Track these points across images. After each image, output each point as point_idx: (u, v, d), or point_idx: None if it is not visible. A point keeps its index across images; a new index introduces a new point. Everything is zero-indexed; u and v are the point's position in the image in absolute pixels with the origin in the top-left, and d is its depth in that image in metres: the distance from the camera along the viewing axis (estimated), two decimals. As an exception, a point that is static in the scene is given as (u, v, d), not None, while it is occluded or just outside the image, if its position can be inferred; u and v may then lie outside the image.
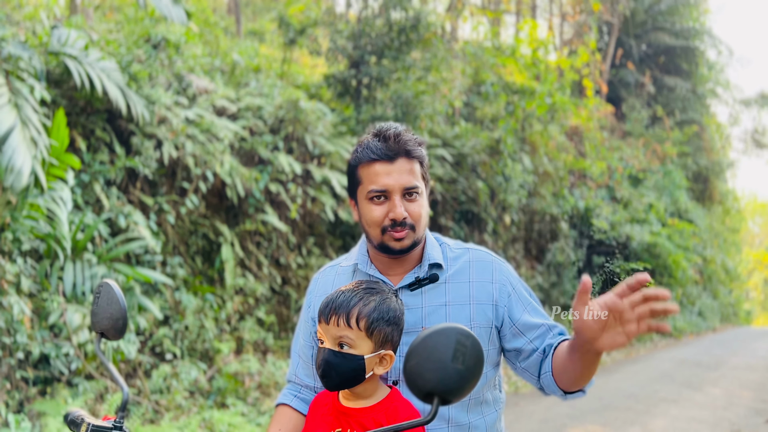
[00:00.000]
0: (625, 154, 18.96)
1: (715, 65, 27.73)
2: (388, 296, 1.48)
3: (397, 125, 1.59)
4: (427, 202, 1.61)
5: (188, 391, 5.36)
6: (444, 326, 1.19)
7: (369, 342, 1.41)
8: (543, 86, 12.15)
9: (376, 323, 1.41)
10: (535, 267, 13.18)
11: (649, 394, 7.65)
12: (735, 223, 30.84)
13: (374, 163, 1.54)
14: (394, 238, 1.53)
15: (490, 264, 1.63)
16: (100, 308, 1.53)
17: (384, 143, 1.54)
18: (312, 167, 7.45)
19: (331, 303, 1.45)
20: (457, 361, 1.18)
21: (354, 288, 1.47)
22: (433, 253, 1.61)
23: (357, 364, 1.40)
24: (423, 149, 1.60)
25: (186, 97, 6.85)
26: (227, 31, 12.03)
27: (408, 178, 1.53)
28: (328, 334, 1.43)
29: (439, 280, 1.59)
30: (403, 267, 1.61)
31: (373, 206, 1.54)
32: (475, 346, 1.19)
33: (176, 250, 6.31)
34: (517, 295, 1.60)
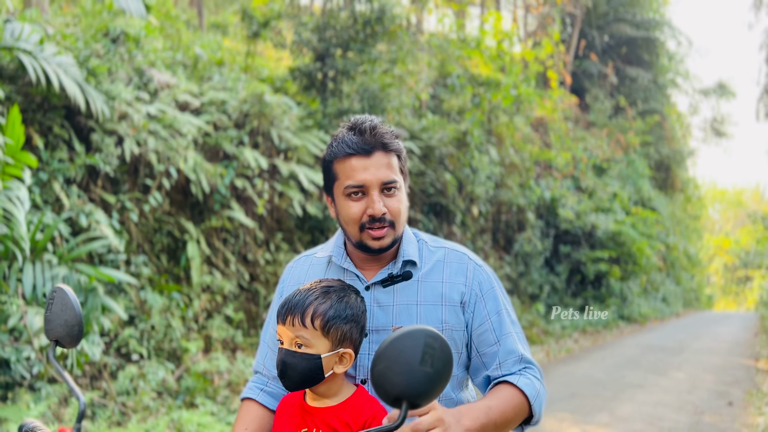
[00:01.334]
0: (589, 145, 19.25)
1: (675, 56, 28.31)
2: (347, 294, 1.45)
3: (373, 118, 1.54)
4: (406, 196, 1.56)
5: (156, 392, 5.27)
6: (411, 329, 1.17)
7: (326, 341, 1.39)
8: (508, 78, 12.24)
9: (333, 321, 1.39)
10: (503, 257, 13.31)
11: (616, 380, 7.80)
12: (696, 210, 31.63)
13: (350, 157, 1.49)
14: (373, 237, 1.49)
15: (466, 265, 1.58)
16: (54, 315, 1.47)
17: (360, 137, 1.50)
18: (278, 162, 7.37)
19: (287, 303, 1.43)
20: (426, 364, 1.16)
21: (311, 287, 1.45)
22: (408, 250, 1.57)
23: (314, 363, 1.38)
24: (400, 142, 1.56)
25: (147, 92, 6.70)
26: (189, 24, 11.82)
27: (386, 172, 1.49)
28: (285, 335, 1.41)
29: (413, 278, 1.55)
30: (379, 262, 1.57)
31: (350, 202, 1.49)
32: (444, 348, 1.17)
33: (140, 248, 6.18)
34: (484, 302, 1.55)
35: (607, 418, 5.79)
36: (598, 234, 15.35)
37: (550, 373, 8.14)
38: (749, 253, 35.06)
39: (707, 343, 12.17)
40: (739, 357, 10.41)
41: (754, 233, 32.40)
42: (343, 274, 1.58)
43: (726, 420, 5.89)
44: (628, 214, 17.93)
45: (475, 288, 1.55)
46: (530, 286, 13.72)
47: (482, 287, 1.56)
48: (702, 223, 36.04)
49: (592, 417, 5.81)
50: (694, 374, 8.39)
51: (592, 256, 15.01)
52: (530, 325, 11.82)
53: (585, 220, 15.21)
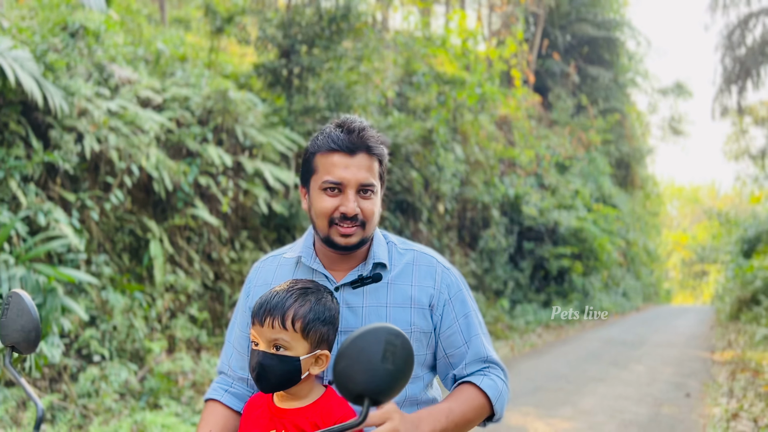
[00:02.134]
0: (552, 143, 19.55)
1: (635, 55, 28.93)
2: (324, 295, 1.45)
3: (363, 120, 1.55)
4: (380, 202, 1.57)
5: (118, 394, 5.17)
6: (373, 326, 1.18)
7: (305, 343, 1.39)
8: (473, 76, 12.35)
9: (312, 324, 1.39)
10: (468, 254, 13.43)
11: (579, 373, 7.95)
12: (655, 206, 32.42)
13: (333, 153, 1.49)
14: (341, 234, 1.49)
15: (434, 268, 1.60)
16: (10, 320, 1.43)
17: (347, 135, 1.50)
18: (243, 159, 7.29)
19: (265, 304, 1.41)
20: (387, 361, 1.17)
21: (288, 288, 1.44)
22: (378, 252, 1.57)
23: (293, 365, 1.38)
24: (384, 149, 1.56)
25: (108, 88, 6.56)
26: (151, 18, 11.60)
27: (365, 174, 1.49)
28: (262, 337, 1.40)
29: (382, 280, 1.55)
30: (348, 263, 1.57)
31: (325, 197, 1.50)
32: (405, 345, 1.18)
33: (101, 247, 6.06)
34: (452, 305, 1.57)
35: (571, 411, 5.91)
36: (560, 230, 15.62)
37: (515, 367, 8.26)
38: (705, 249, 36.09)
39: (666, 337, 12.49)
40: (696, 349, 10.72)
41: (710, 229, 33.36)
42: (311, 274, 1.58)
43: (684, 411, 6.06)
44: (589, 210, 18.28)
45: (443, 291, 1.57)
46: (495, 282, 13.88)
47: (450, 290, 1.58)
48: (660, 220, 36.96)
49: (555, 411, 5.92)
50: (653, 367, 8.61)
51: (555, 252, 15.26)
52: (495, 321, 11.95)
53: (548, 216, 15.45)
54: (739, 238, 19.38)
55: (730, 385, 7.28)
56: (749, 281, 15.46)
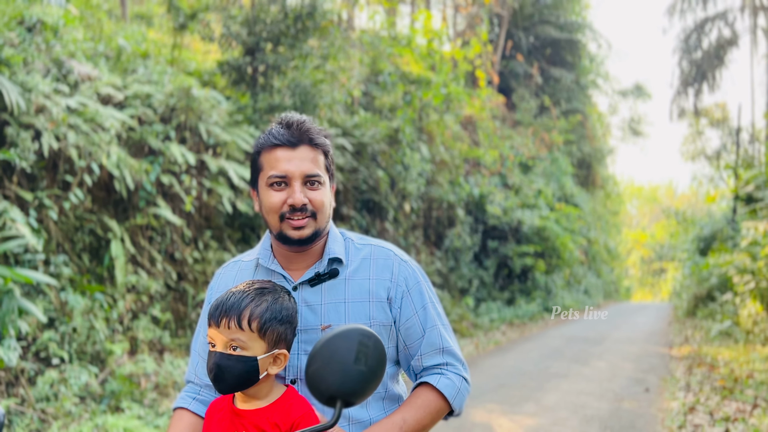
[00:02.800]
0: (515, 143, 19.80)
1: (596, 57, 29.50)
2: (281, 295, 1.45)
3: (302, 115, 1.57)
4: (330, 194, 1.58)
5: (78, 397, 5.06)
6: (345, 328, 1.18)
7: (262, 343, 1.39)
8: (438, 76, 12.42)
9: (269, 323, 1.39)
10: (434, 253, 13.51)
11: (542, 370, 8.08)
12: (615, 205, 33.11)
13: (276, 148, 1.51)
14: (293, 227, 1.50)
15: (391, 261, 1.61)
16: None
17: (287, 129, 1.52)
18: (207, 158, 7.20)
19: (221, 305, 1.41)
20: (360, 362, 1.18)
21: (245, 289, 1.44)
22: (334, 248, 1.58)
23: (250, 365, 1.37)
24: (328, 141, 1.57)
25: (67, 85, 6.40)
26: (111, 14, 11.35)
27: (310, 165, 1.51)
28: (218, 338, 1.39)
29: (340, 276, 1.56)
30: (305, 261, 1.58)
31: (272, 192, 1.51)
32: (378, 346, 1.19)
33: (60, 247, 5.91)
34: (411, 297, 1.58)
35: (534, 407, 6.00)
36: (524, 229, 15.83)
37: (480, 365, 8.35)
38: (663, 247, 37.04)
39: (626, 333, 12.78)
40: (655, 345, 10.99)
41: (668, 228, 34.23)
42: (270, 275, 1.59)
43: (643, 405, 6.21)
44: (552, 210, 18.57)
45: (401, 284, 1.58)
46: (460, 281, 14.00)
47: (408, 282, 1.59)
48: (621, 218, 37.78)
49: (519, 407, 6.00)
50: (614, 363, 8.80)
51: (519, 250, 15.46)
52: (460, 319, 12.06)
53: (512, 216, 15.65)
54: (696, 237, 19.94)
55: (687, 380, 7.49)
56: (705, 278, 15.92)
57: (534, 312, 15.03)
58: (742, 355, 9.16)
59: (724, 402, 6.21)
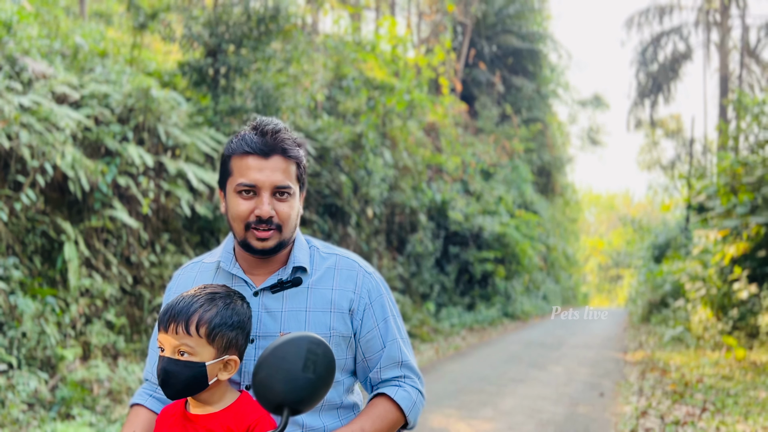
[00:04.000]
0: (477, 150, 20.02)
1: (557, 67, 30.07)
2: (233, 300, 1.44)
3: (279, 122, 1.54)
4: (299, 204, 1.57)
5: (27, 404, 4.90)
6: (294, 335, 1.17)
7: (211, 348, 1.37)
8: (402, 83, 12.49)
9: (218, 329, 1.37)
10: (396, 258, 13.54)
11: (500, 375, 8.17)
12: (573, 213, 33.74)
13: (248, 156, 1.48)
14: (257, 237, 1.48)
15: (356, 273, 1.60)
16: None
17: (261, 138, 1.49)
18: (166, 159, 7.08)
19: (170, 310, 1.38)
20: (309, 370, 1.17)
21: (195, 293, 1.42)
22: (299, 256, 1.57)
23: (198, 371, 1.35)
24: (301, 151, 1.56)
25: (20, 82, 6.22)
26: (68, 11, 11.10)
27: (280, 176, 1.49)
28: (167, 342, 1.37)
29: (303, 284, 1.55)
30: (268, 267, 1.56)
31: (240, 200, 1.48)
32: (327, 353, 1.19)
33: (11, 249, 5.73)
34: (373, 309, 1.58)
35: (492, 412, 6.06)
36: (484, 235, 16.01)
37: (439, 370, 8.39)
38: (620, 254, 37.89)
39: (583, 338, 13.01)
40: (611, 350, 11.22)
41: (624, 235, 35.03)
42: (231, 279, 1.57)
43: (598, 410, 6.33)
44: (512, 216, 18.83)
45: (364, 296, 1.58)
46: (421, 286, 14.07)
47: (371, 295, 1.59)
48: (579, 226, 38.50)
49: (477, 412, 6.05)
50: (570, 368, 8.95)
51: (479, 256, 15.62)
52: (421, 324, 12.10)
53: (473, 222, 15.81)
54: (651, 244, 20.47)
55: (641, 384, 7.67)
56: (659, 285, 16.35)
57: (494, 317, 15.19)
58: (693, 360, 9.43)
59: (675, 406, 6.38)
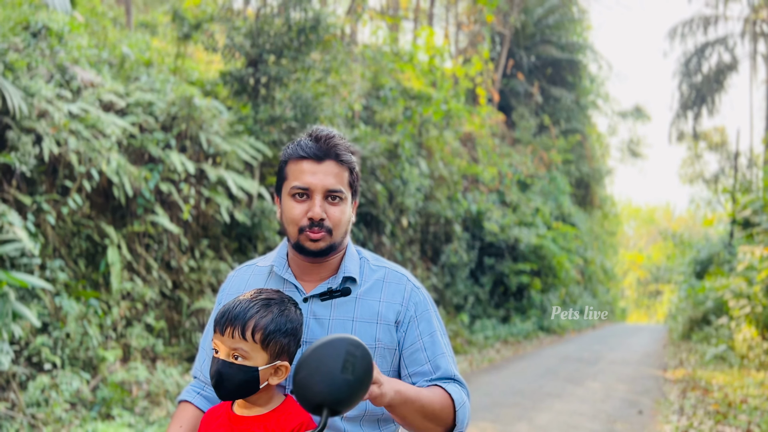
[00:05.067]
0: (514, 161, 19.86)
1: (597, 78, 29.68)
2: (287, 307, 1.46)
3: (333, 130, 1.59)
4: (351, 210, 1.60)
5: (69, 403, 5.03)
6: (333, 337, 1.20)
7: (264, 354, 1.40)
8: (439, 93, 12.49)
9: (273, 335, 1.40)
10: (430, 268, 13.50)
11: (535, 389, 8.05)
12: (612, 226, 33.15)
13: (302, 160, 1.53)
14: (310, 239, 1.51)
15: (404, 286, 1.62)
16: None
17: (315, 143, 1.54)
18: (206, 167, 7.22)
19: (227, 314, 1.42)
20: (347, 371, 1.19)
21: (251, 298, 1.45)
22: (349, 266, 1.59)
23: (251, 375, 1.38)
24: (354, 158, 1.60)
25: (70, 90, 6.43)
26: (116, 21, 11.43)
27: (333, 180, 1.52)
28: (222, 345, 1.41)
29: (351, 294, 1.57)
30: (319, 274, 1.59)
31: (294, 203, 1.53)
32: (365, 356, 1.20)
33: (57, 252, 5.90)
34: (417, 323, 1.59)
35: (526, 427, 5.97)
36: (520, 247, 15.84)
37: (473, 382, 8.32)
38: (660, 269, 37.03)
39: (621, 354, 12.75)
40: (649, 367, 10.96)
41: (664, 250, 34.25)
42: (283, 284, 1.60)
43: (636, 428, 6.18)
44: (549, 228, 18.59)
45: (410, 309, 1.59)
46: (455, 297, 13.98)
47: (417, 308, 1.60)
48: (618, 239, 37.81)
49: (512, 426, 5.97)
50: (608, 384, 8.77)
51: (515, 268, 15.46)
52: (454, 335, 12.03)
53: (509, 233, 15.66)
54: (692, 260, 19.95)
55: (681, 403, 7.47)
56: (701, 302, 15.92)
57: (529, 330, 15.00)
58: (737, 379, 9.14)
59: (718, 427, 6.19)
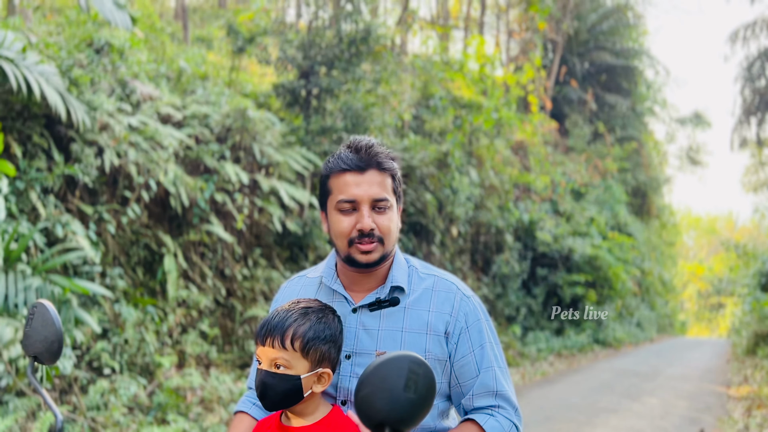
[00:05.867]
0: (567, 169, 19.49)
1: (653, 84, 28.89)
2: (325, 314, 1.47)
3: (371, 138, 1.58)
4: (397, 217, 1.59)
5: (127, 407, 5.17)
6: (396, 354, 1.18)
7: (305, 362, 1.41)
8: (490, 101, 12.39)
9: (312, 343, 1.41)
10: (481, 278, 13.35)
11: (590, 404, 7.83)
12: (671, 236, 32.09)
13: (345, 173, 1.52)
14: (361, 251, 1.50)
15: (453, 295, 1.59)
16: (34, 330, 1.44)
17: (355, 154, 1.54)
18: (260, 177, 7.35)
19: (266, 324, 1.44)
20: (410, 390, 1.17)
21: (289, 308, 1.46)
22: (397, 275, 1.58)
23: (294, 384, 1.39)
24: (395, 164, 1.59)
25: (129, 104, 6.67)
26: (174, 37, 11.81)
27: (377, 189, 1.52)
28: (264, 356, 1.42)
29: (400, 304, 1.56)
30: (368, 284, 1.59)
31: (341, 217, 1.52)
32: (428, 374, 1.18)
33: (116, 260, 6.11)
34: (469, 334, 1.56)
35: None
36: (574, 258, 15.49)
37: (526, 396, 8.16)
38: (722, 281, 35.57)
39: (680, 369, 12.29)
40: (711, 384, 10.52)
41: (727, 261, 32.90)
42: (332, 295, 1.60)
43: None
44: (604, 238, 18.13)
45: (460, 319, 1.56)
46: (507, 308, 13.77)
47: (468, 319, 1.57)
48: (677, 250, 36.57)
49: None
50: (667, 400, 8.46)
51: (569, 279, 15.12)
52: (506, 347, 11.85)
53: (562, 243, 15.35)
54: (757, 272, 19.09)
55: (746, 422, 7.14)
56: (767, 315, 15.21)
57: (584, 343, 14.63)
58: (806, 398, 8.68)
59: (786, 447, 5.89)
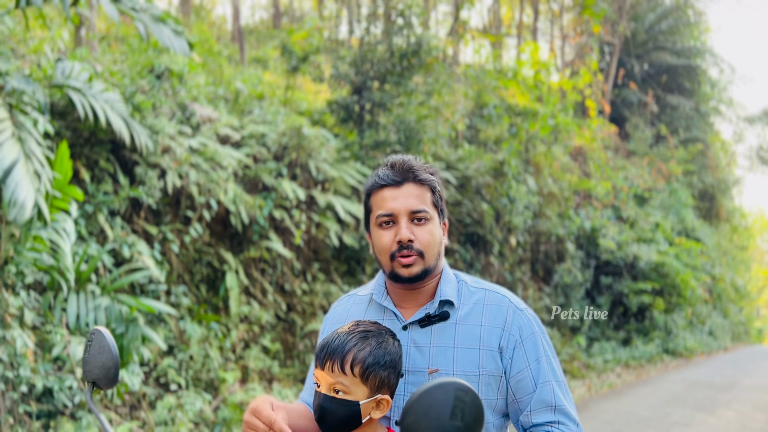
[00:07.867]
0: (630, 174, 18.93)
1: (718, 83, 27.78)
2: (385, 339, 1.45)
3: (407, 155, 1.59)
4: (440, 230, 1.57)
5: (193, 423, 5.30)
6: (441, 381, 1.16)
7: (364, 387, 1.38)
8: (546, 108, 12.19)
9: (372, 368, 1.38)
10: (542, 288, 13.09)
11: (661, 417, 7.53)
12: (743, 240, 30.65)
13: (382, 189, 1.54)
14: (402, 264, 1.50)
15: (506, 308, 1.56)
16: (92, 357, 1.50)
17: (391, 170, 1.55)
18: (316, 193, 7.45)
19: (326, 347, 1.42)
20: (456, 417, 1.15)
21: (349, 330, 1.44)
22: (446, 290, 1.56)
23: (352, 410, 1.37)
24: (434, 177, 1.58)
25: (190, 126, 6.89)
26: (231, 59, 12.15)
27: (414, 201, 1.51)
28: (323, 379, 1.41)
29: (450, 319, 1.53)
30: (417, 301, 1.57)
31: (381, 232, 1.52)
32: (475, 401, 1.15)
33: (180, 279, 6.29)
34: (524, 348, 1.52)
35: (652, 458, 5.59)
36: (640, 265, 14.99)
37: (592, 409, 7.91)
38: (801, 285, 33.70)
39: (758, 380, 11.67)
40: (793, 395, 9.95)
41: (805, 264, 31.16)
42: (382, 312, 1.59)
43: (780, 463, 5.61)
44: (671, 244, 17.49)
45: (514, 333, 1.52)
46: (571, 318, 13.43)
47: (522, 332, 1.53)
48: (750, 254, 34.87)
49: (636, 456, 5.61)
50: (744, 413, 8.05)
51: (635, 287, 14.63)
52: (571, 359, 11.54)
53: (626, 250, 14.88)
54: (840, 275, 17.99)
55: (833, 436, 6.71)
56: None
57: (652, 353, 14.10)
58: None
59: None
